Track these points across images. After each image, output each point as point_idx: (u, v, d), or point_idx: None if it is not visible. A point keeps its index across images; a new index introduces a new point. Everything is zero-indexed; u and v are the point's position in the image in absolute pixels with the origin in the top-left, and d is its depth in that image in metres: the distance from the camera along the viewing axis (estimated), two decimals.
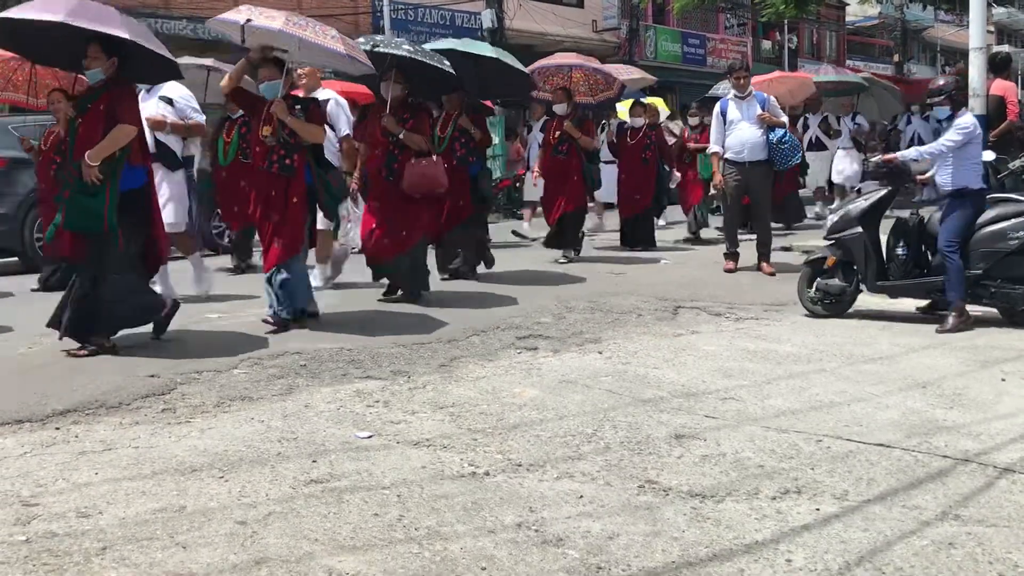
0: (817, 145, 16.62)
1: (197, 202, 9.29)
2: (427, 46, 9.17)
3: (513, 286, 9.35)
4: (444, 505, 3.66)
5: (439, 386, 5.47)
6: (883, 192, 7.51)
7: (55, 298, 6.56)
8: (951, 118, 7.24)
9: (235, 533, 3.37)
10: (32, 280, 9.57)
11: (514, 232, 14.51)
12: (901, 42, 40.14)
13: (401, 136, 8.11)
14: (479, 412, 4.95)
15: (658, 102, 15.90)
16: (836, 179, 16.70)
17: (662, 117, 15.67)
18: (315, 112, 7.19)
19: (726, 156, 9.84)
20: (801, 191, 16.15)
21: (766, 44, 36.96)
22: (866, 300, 7.78)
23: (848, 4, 43.81)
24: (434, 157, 8.33)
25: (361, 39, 7.90)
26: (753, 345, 6.58)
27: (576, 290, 8.84)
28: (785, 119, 10.36)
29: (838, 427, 4.71)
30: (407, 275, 8.45)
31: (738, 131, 9.84)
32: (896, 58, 39.16)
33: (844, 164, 16.66)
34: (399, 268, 8.40)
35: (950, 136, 7.11)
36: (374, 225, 8.27)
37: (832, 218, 7.78)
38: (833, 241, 7.64)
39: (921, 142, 18.18)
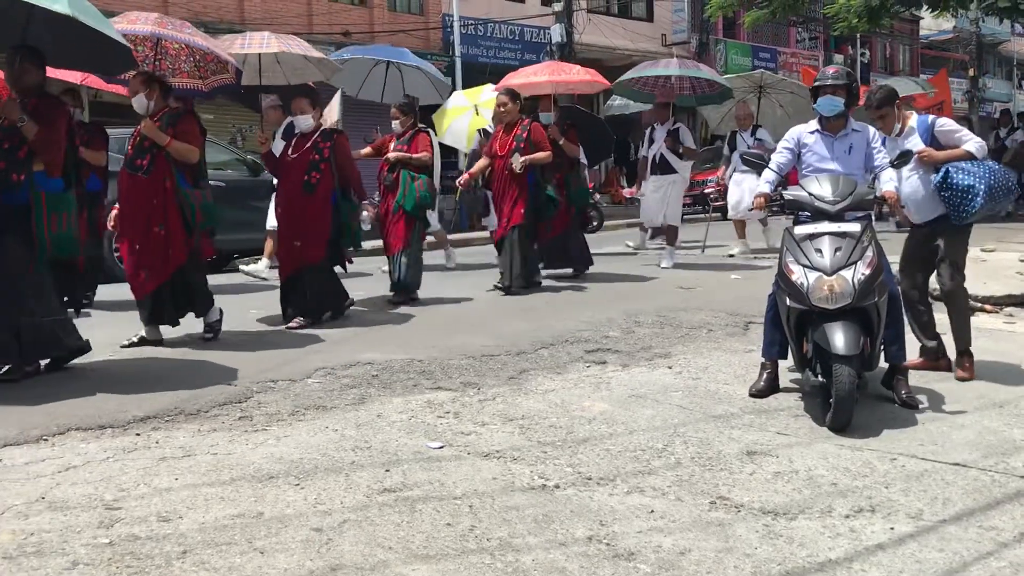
0: (662, 166, 12.40)
1: None
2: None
3: (580, 299, 9.38)
4: (515, 517, 3.69)
5: (508, 398, 5.50)
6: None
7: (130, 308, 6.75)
8: (843, 116, 5.70)
9: (311, 540, 3.44)
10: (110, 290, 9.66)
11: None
12: (976, 56, 39.35)
13: None
14: (548, 425, 4.97)
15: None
16: (732, 213, 13.70)
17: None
18: None
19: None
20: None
21: (838, 58, 36.51)
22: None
23: (922, 18, 43.14)
24: None
25: None
26: None
27: (644, 304, 8.81)
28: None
29: (912, 446, 4.65)
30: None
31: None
32: (971, 72, 38.42)
33: (741, 193, 13.21)
34: None
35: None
36: None
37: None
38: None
39: None
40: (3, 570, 3.17)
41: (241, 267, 11.17)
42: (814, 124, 5.81)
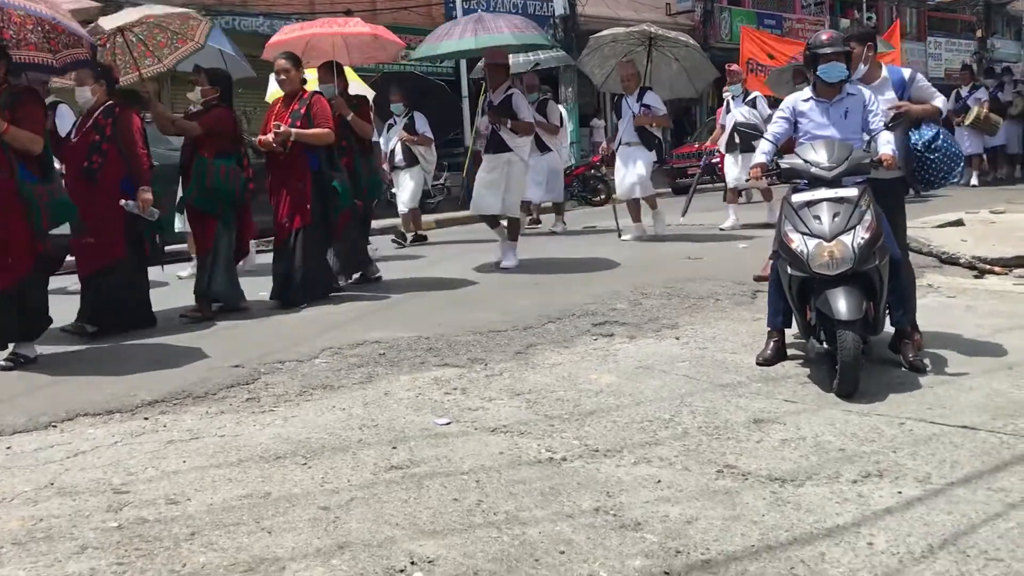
0: (494, 143, 9.93)
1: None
2: None
3: (587, 273, 9.35)
4: (522, 490, 3.70)
5: (516, 373, 5.50)
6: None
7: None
8: (849, 81, 5.49)
9: (318, 518, 3.45)
10: None
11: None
12: (984, 17, 38.97)
13: None
14: (556, 398, 4.97)
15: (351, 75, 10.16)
16: (620, 191, 12.12)
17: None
18: None
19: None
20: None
21: (844, 22, 36.21)
22: (943, 280, 7.62)
23: None
24: None
25: None
26: None
27: (651, 276, 8.78)
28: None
29: (920, 409, 4.63)
30: None
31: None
32: (979, 33, 38.08)
33: (626, 169, 11.87)
34: None
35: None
36: None
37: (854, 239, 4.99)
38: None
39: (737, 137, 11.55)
40: (13, 555, 3.19)
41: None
42: (808, 91, 5.67)
